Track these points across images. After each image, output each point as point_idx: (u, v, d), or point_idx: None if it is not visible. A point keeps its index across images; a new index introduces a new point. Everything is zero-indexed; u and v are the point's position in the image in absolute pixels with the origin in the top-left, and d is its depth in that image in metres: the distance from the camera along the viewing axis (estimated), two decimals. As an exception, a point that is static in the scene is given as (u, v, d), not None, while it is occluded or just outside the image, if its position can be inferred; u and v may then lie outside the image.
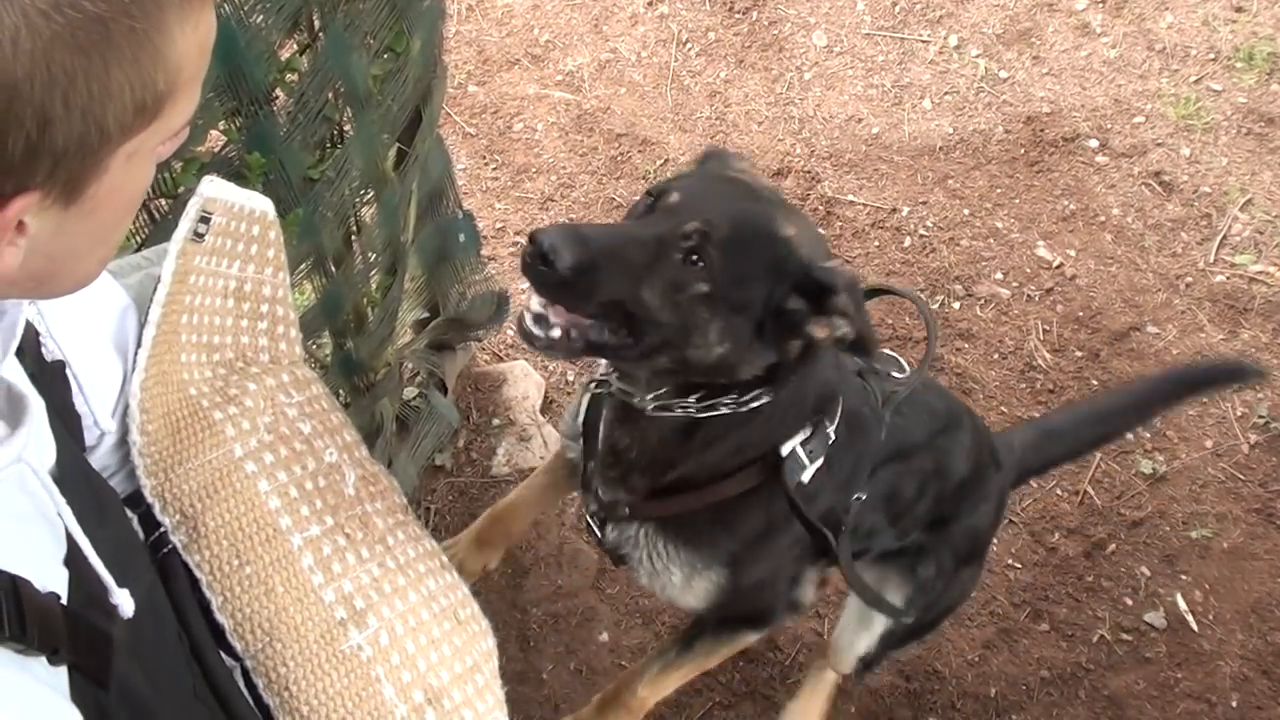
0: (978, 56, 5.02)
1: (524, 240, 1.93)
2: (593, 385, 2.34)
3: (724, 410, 2.09)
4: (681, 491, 2.28)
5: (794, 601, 2.61)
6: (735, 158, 2.30)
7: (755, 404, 2.09)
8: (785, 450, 2.21)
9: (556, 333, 1.94)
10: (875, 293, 2.46)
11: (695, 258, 1.90)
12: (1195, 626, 3.62)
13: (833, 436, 2.27)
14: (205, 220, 1.80)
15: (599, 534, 2.49)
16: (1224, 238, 4.46)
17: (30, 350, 1.40)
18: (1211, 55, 4.97)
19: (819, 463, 2.24)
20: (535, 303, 1.96)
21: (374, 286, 3.07)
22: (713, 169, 2.27)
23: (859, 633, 2.95)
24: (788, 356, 2.03)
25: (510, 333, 4.13)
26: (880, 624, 2.90)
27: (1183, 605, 3.67)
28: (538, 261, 1.82)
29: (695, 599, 2.45)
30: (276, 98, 2.26)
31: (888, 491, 2.56)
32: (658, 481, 2.28)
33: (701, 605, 2.48)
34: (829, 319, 1.96)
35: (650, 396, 2.12)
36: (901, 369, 2.56)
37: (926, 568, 2.83)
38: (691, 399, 2.09)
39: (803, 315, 1.97)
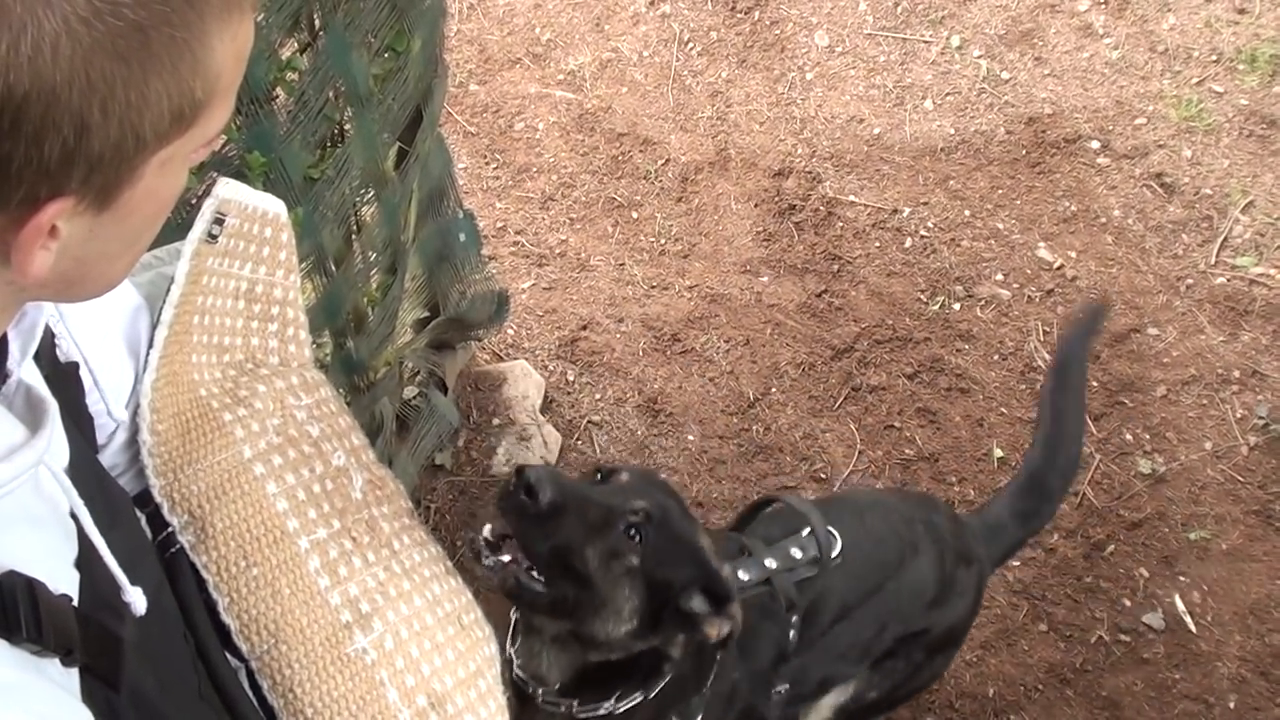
0: (980, 57, 5.01)
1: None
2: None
3: (602, 712, 2.28)
4: None
5: None
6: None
7: (629, 706, 2.28)
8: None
9: (506, 557, 2.05)
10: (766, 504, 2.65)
11: (635, 533, 2.08)
12: (1193, 628, 3.63)
13: (707, 692, 2.42)
14: (219, 221, 1.79)
15: None
16: (1225, 240, 4.46)
17: (45, 353, 1.40)
18: (1214, 57, 4.97)
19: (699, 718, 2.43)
20: (488, 530, 2.08)
21: (374, 286, 3.07)
22: (649, 474, 2.44)
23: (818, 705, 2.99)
24: (669, 649, 2.22)
25: (510, 332, 4.14)
26: (833, 699, 2.93)
27: (1181, 606, 3.67)
28: (521, 492, 1.98)
29: None
30: (277, 97, 2.26)
31: (842, 646, 2.72)
32: None
33: None
34: (721, 621, 2.13)
35: (542, 691, 2.29)
36: (835, 536, 2.62)
37: (888, 658, 2.88)
38: (575, 701, 2.27)
39: (704, 616, 2.13)
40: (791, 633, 2.55)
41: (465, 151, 4.67)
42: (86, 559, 1.21)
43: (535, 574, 2.04)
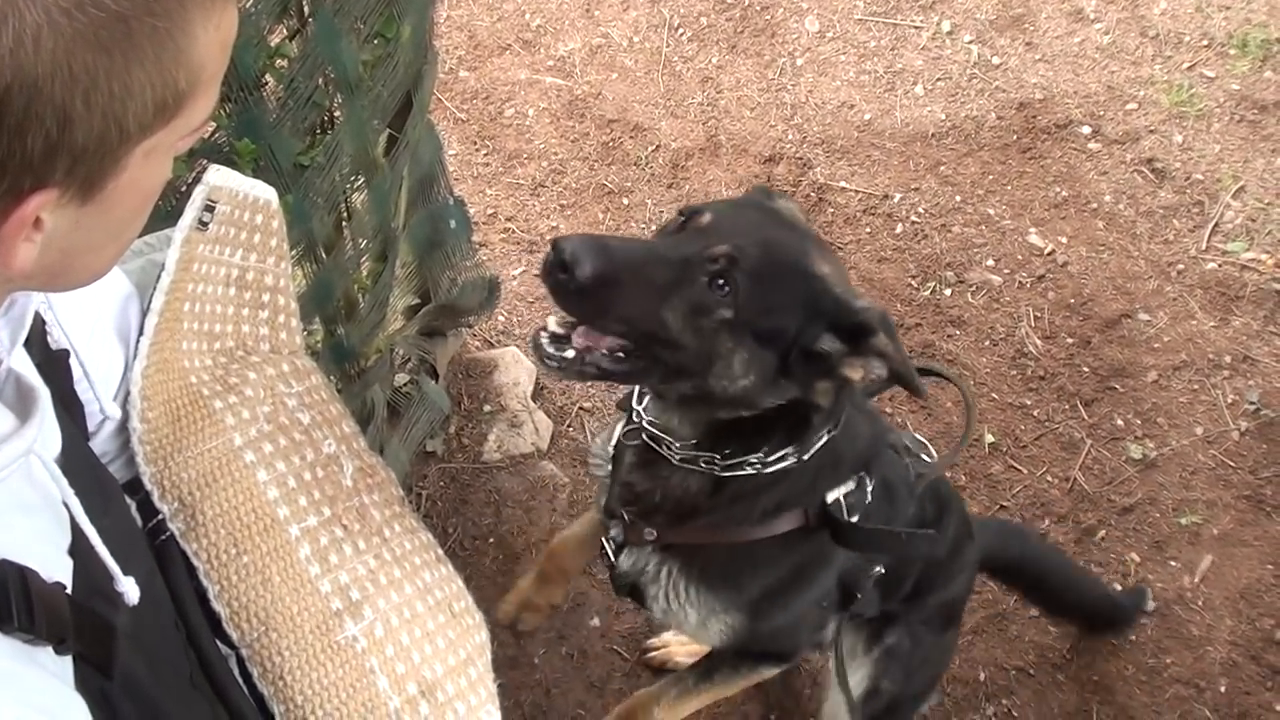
0: (970, 42, 5.01)
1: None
2: (626, 418, 2.27)
3: (749, 470, 2.06)
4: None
5: (818, 642, 2.59)
6: (778, 195, 2.23)
7: (781, 465, 2.06)
8: (830, 498, 2.17)
9: (570, 353, 1.88)
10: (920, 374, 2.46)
11: (721, 282, 1.85)
12: (1184, 612, 3.63)
13: (870, 497, 2.23)
14: (210, 209, 1.79)
15: (613, 560, 2.41)
16: (1216, 225, 4.46)
17: (36, 340, 1.40)
18: (1205, 42, 4.97)
19: (855, 519, 2.20)
20: (554, 323, 1.90)
21: (365, 273, 3.07)
22: (752, 198, 2.20)
23: (840, 699, 2.85)
24: (813, 396, 1.98)
25: (501, 319, 4.13)
26: (859, 688, 2.84)
27: (1172, 591, 3.67)
28: (557, 269, 1.77)
29: (710, 639, 2.41)
30: (266, 84, 2.25)
31: (892, 565, 2.53)
32: (679, 525, 2.23)
33: (716, 645, 2.45)
34: (865, 360, 1.92)
35: (678, 445, 2.09)
36: (930, 454, 2.51)
37: (893, 635, 2.81)
38: (717, 455, 2.06)
39: (838, 356, 1.92)
40: (912, 508, 2.42)
41: (455, 138, 4.66)
42: (79, 547, 1.21)
43: (619, 352, 1.88)
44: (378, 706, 1.63)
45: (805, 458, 2.07)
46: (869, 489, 2.23)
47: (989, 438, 3.95)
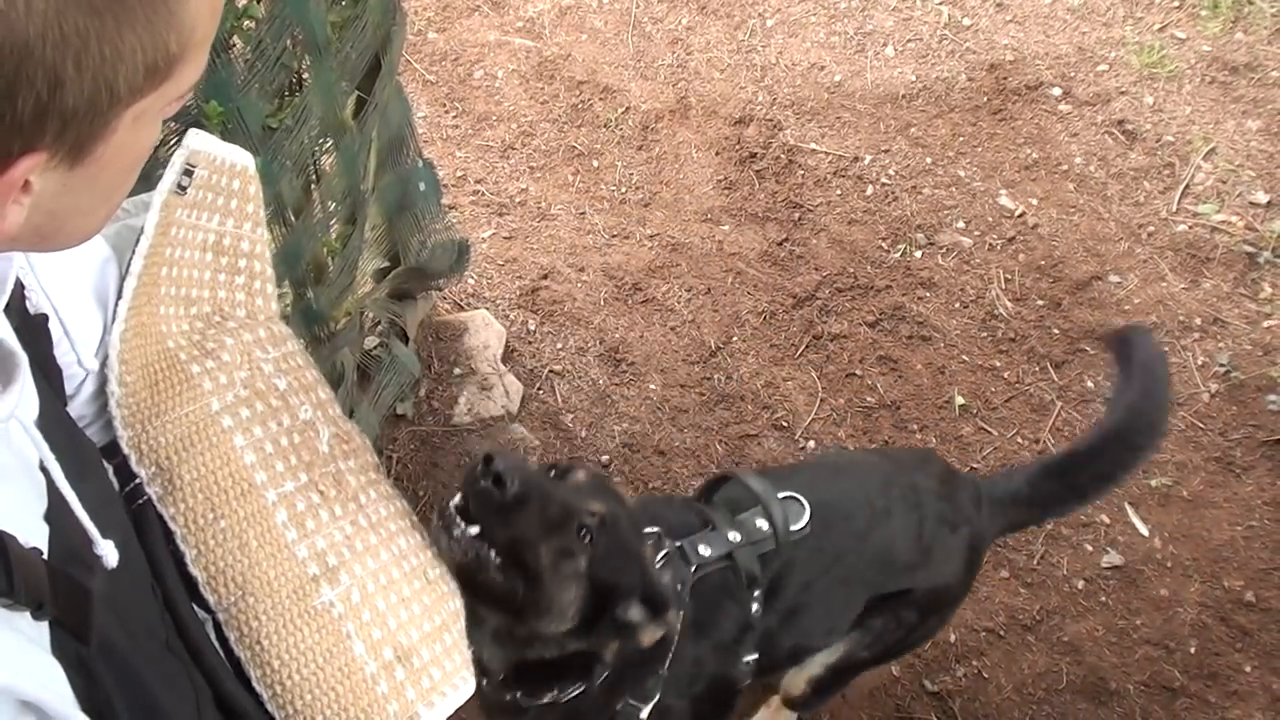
0: (941, 4, 5.01)
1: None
2: None
3: (547, 700, 2.26)
4: None
5: None
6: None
7: (575, 694, 2.26)
8: (620, 706, 2.40)
9: (475, 530, 1.97)
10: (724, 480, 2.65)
11: (586, 535, 2.04)
12: (1154, 574, 3.65)
13: (664, 673, 2.41)
14: (188, 173, 1.78)
15: None
16: (1186, 187, 4.47)
17: (14, 304, 1.39)
18: (1176, 3, 4.98)
19: (655, 699, 2.42)
20: (460, 499, 2.01)
21: (334, 236, 3.05)
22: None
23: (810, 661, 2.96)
24: (603, 652, 2.20)
25: (471, 282, 4.12)
26: (824, 657, 2.91)
27: (1142, 553, 3.69)
28: (489, 480, 1.90)
29: None
30: (234, 45, 2.23)
31: (809, 616, 2.67)
32: None
33: None
34: (656, 627, 2.15)
35: (487, 680, 2.26)
36: (802, 506, 2.62)
37: (879, 619, 2.82)
38: (519, 691, 2.26)
39: (640, 624, 2.13)
40: (754, 606, 2.54)
41: (424, 100, 4.63)
42: (56, 512, 1.20)
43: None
44: (354, 671, 1.64)
45: (596, 686, 2.28)
46: (661, 672, 2.42)
47: (959, 400, 3.95)
